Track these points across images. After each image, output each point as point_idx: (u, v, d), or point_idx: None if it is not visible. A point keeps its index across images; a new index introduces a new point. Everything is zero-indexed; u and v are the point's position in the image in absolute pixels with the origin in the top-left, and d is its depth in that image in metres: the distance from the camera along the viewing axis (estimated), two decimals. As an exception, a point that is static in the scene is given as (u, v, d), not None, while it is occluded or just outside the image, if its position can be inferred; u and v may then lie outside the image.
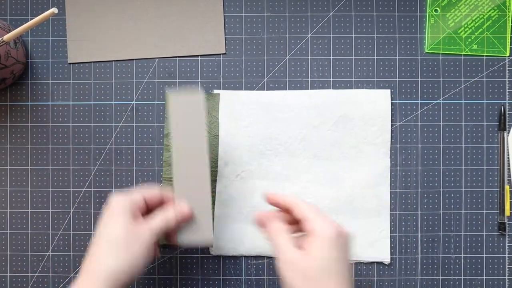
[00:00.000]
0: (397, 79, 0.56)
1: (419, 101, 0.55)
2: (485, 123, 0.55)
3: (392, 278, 0.55)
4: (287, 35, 0.56)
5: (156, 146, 0.56)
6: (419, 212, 0.55)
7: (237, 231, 0.55)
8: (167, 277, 0.55)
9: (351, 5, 0.56)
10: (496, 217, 0.55)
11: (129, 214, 0.45)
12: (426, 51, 0.56)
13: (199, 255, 0.55)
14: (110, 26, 0.56)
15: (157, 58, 0.56)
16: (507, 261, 0.55)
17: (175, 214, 0.47)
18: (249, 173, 0.55)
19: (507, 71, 0.55)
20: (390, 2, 0.56)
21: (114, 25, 0.56)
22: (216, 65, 0.56)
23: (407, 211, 0.55)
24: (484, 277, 0.55)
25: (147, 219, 0.46)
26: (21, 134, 0.56)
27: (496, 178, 0.55)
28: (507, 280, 0.55)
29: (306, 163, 0.55)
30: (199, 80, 0.56)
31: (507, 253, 0.55)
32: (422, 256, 0.55)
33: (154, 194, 0.48)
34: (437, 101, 0.55)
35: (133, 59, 0.56)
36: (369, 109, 0.55)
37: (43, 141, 0.56)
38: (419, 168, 0.55)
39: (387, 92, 0.55)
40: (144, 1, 0.56)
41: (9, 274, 0.56)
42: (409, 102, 0.55)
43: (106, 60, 0.56)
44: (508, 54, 0.55)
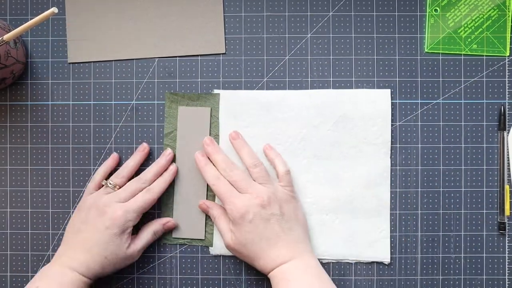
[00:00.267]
0: (397, 79, 0.55)
1: (419, 100, 0.55)
2: (485, 123, 0.55)
3: (392, 278, 0.55)
4: (287, 35, 0.56)
5: (156, 145, 0.56)
6: (419, 212, 0.55)
7: None
8: (167, 277, 0.55)
9: (351, 5, 0.56)
10: (496, 217, 0.55)
11: (122, 232, 0.50)
12: (426, 50, 0.55)
13: (199, 255, 0.55)
14: (110, 26, 0.56)
15: (157, 58, 0.56)
16: (507, 261, 0.55)
17: (163, 228, 0.54)
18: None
19: (507, 71, 0.55)
20: (390, 2, 0.56)
21: (114, 25, 0.56)
22: (216, 65, 0.56)
23: (407, 210, 0.55)
24: (484, 277, 0.55)
25: (135, 240, 0.52)
26: (21, 134, 0.56)
27: (496, 178, 0.55)
28: (507, 280, 0.55)
29: (306, 162, 0.55)
30: (199, 80, 0.56)
31: (507, 253, 0.55)
32: (422, 256, 0.55)
33: (132, 165, 0.54)
34: (437, 100, 0.55)
35: (133, 59, 0.56)
36: (369, 109, 0.55)
37: (43, 141, 0.56)
38: (419, 167, 0.55)
39: (387, 92, 0.55)
40: (144, 1, 0.56)
41: (9, 274, 0.56)
42: (409, 102, 0.55)
43: (106, 60, 0.56)
44: (508, 54, 0.55)
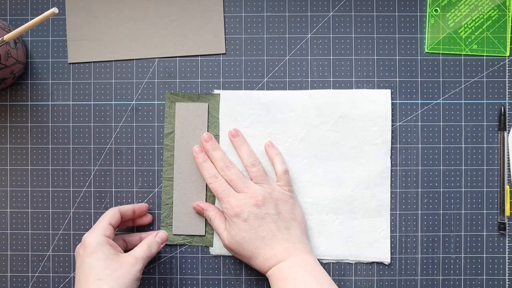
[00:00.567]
0: (397, 79, 0.55)
1: (419, 101, 0.55)
2: (485, 123, 0.55)
3: (392, 278, 0.55)
4: (287, 35, 0.56)
5: (156, 146, 0.56)
6: (419, 212, 0.55)
7: None
8: (167, 277, 0.55)
9: (351, 5, 0.56)
10: (496, 217, 0.55)
11: (106, 246, 0.47)
12: (426, 51, 0.55)
13: (199, 255, 0.55)
14: (110, 26, 0.56)
15: (157, 58, 0.56)
16: (507, 261, 0.55)
17: (157, 241, 0.51)
18: None
19: (507, 71, 0.55)
20: (390, 2, 0.55)
21: (114, 25, 0.56)
22: (216, 65, 0.56)
23: (407, 211, 0.55)
24: (484, 277, 0.54)
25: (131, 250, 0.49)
26: (21, 134, 0.56)
27: (496, 178, 0.55)
28: (507, 280, 0.54)
29: (306, 163, 0.55)
30: (199, 80, 0.56)
31: (507, 253, 0.55)
32: (422, 256, 0.55)
33: (125, 210, 0.52)
34: (437, 101, 0.55)
35: (133, 59, 0.56)
36: (370, 109, 0.55)
37: (43, 141, 0.56)
38: (419, 168, 0.55)
39: (387, 92, 0.55)
40: (144, 1, 0.56)
41: (9, 274, 0.56)
42: (409, 102, 0.55)
43: (106, 60, 0.56)
44: (508, 54, 0.55)
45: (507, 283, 0.54)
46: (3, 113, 0.56)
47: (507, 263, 0.55)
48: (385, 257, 0.55)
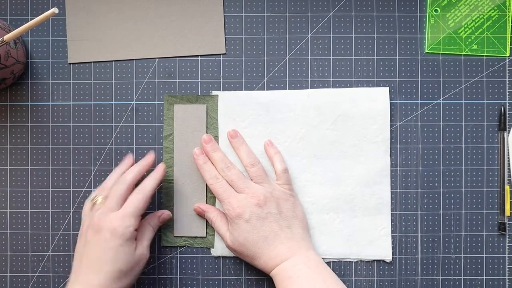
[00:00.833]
0: (397, 79, 0.55)
1: (419, 101, 0.55)
2: (485, 123, 0.55)
3: (392, 278, 0.54)
4: (287, 35, 0.56)
5: (156, 146, 0.55)
6: (419, 212, 0.55)
7: None
8: (167, 277, 0.55)
9: (351, 5, 0.55)
10: (496, 217, 0.55)
11: (126, 240, 0.47)
12: (426, 51, 0.55)
13: (199, 255, 0.55)
14: (110, 26, 0.56)
15: (157, 58, 0.56)
16: (507, 261, 0.54)
17: (158, 221, 0.53)
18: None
19: (507, 71, 0.55)
20: (390, 2, 0.55)
21: (114, 25, 0.56)
22: (216, 65, 0.56)
23: (407, 211, 0.55)
24: (484, 277, 0.54)
25: (138, 240, 0.49)
26: (21, 134, 0.56)
27: (496, 178, 0.55)
28: (507, 280, 0.54)
29: (305, 162, 0.55)
30: (199, 80, 0.56)
31: (507, 253, 0.55)
32: (422, 256, 0.55)
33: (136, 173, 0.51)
34: (437, 101, 0.55)
35: (133, 59, 0.56)
36: (369, 108, 0.54)
37: (43, 141, 0.56)
38: (419, 168, 0.55)
39: (385, 90, 0.55)
40: (144, 1, 0.56)
41: (9, 274, 0.55)
42: (409, 102, 0.55)
43: (106, 60, 0.56)
44: (508, 54, 0.55)
45: (507, 283, 0.54)
46: (3, 113, 0.56)
47: (507, 263, 0.54)
48: (387, 255, 0.54)
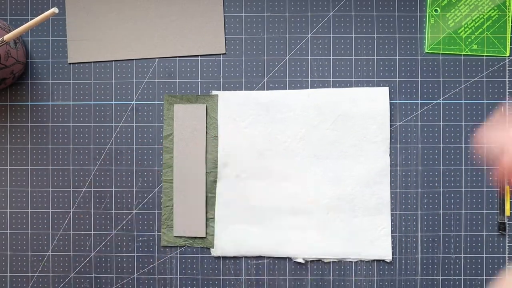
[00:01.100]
0: (397, 79, 0.55)
1: (419, 101, 0.55)
2: (485, 124, 0.54)
3: (392, 278, 0.54)
4: (287, 35, 0.55)
5: (156, 146, 0.55)
6: (419, 212, 0.54)
7: (239, 232, 0.54)
8: (167, 277, 0.54)
9: (351, 5, 0.55)
10: (496, 217, 0.54)
11: None
12: (426, 51, 0.55)
13: (199, 255, 0.55)
14: (110, 26, 0.55)
15: (157, 58, 0.55)
16: (507, 261, 0.54)
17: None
18: (249, 173, 0.54)
19: (507, 71, 0.54)
20: (390, 2, 0.55)
21: (114, 25, 0.55)
22: (216, 65, 0.55)
23: (407, 211, 0.54)
24: (484, 277, 0.54)
25: None
26: (21, 134, 0.55)
27: (496, 178, 0.55)
28: (507, 280, 0.54)
29: (306, 162, 0.54)
30: (199, 80, 0.55)
31: (507, 253, 0.54)
32: (422, 256, 0.54)
33: None
34: (437, 101, 0.55)
35: (133, 59, 0.55)
36: (369, 107, 0.54)
37: (43, 141, 0.55)
38: (419, 168, 0.54)
39: (385, 90, 0.54)
40: (144, 1, 0.55)
41: (9, 274, 0.55)
42: (409, 102, 0.55)
43: (106, 60, 0.55)
44: (508, 54, 0.54)
45: (507, 283, 0.54)
46: (3, 113, 0.55)
47: (507, 263, 0.54)
48: (387, 255, 0.54)
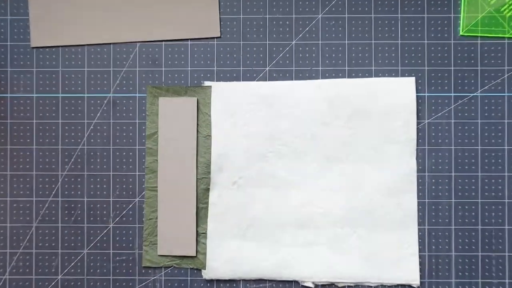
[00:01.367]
0: (426, 68, 0.51)
1: (452, 94, 0.51)
2: (532, 120, 0.52)
3: (421, 306, 0.50)
4: (293, 15, 0.52)
5: (137, 147, 0.52)
6: (453, 227, 0.51)
7: (235, 249, 0.51)
8: (149, 304, 0.51)
9: (370, -20, 0.53)
10: (545, 233, 0.51)
11: None
12: (461, 33, 0.51)
13: (188, 277, 0.51)
14: (82, 3, 0.52)
15: (138, 42, 0.52)
16: (558, 286, 0.51)
17: None
18: (248, 179, 0.52)
19: (558, 57, 0.52)
20: (417, -24, 0.52)
21: (87, 2, 0.52)
22: (209, 51, 0.52)
23: (437, 225, 0.51)
24: (531, 305, 0.51)
25: None
26: (-26, 132, 0.53)
27: (545, 187, 0.51)
28: (557, 309, 0.50)
29: (316, 166, 0.51)
30: (188, 69, 0.52)
31: (558, 276, 0.51)
32: (457, 281, 0.50)
33: None
34: (475, 94, 0.51)
35: (109, 43, 0.53)
36: (391, 101, 0.51)
37: (0, 141, 0.52)
38: (452, 174, 0.51)
39: (411, 80, 0.51)
40: (123, -26, 0.53)
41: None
42: (440, 96, 0.51)
43: (77, 44, 0.53)
44: (559, 37, 0.51)
45: (557, 312, 0.50)
46: (-47, 107, 0.53)
47: (558, 289, 0.51)
48: (414, 279, 0.50)
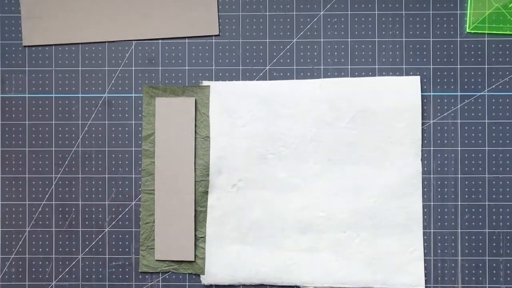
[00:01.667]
0: (431, 66, 0.51)
1: (459, 93, 0.51)
2: (541, 121, 0.51)
3: (426, 313, 0.49)
4: (294, 13, 0.51)
5: (133, 148, 0.51)
6: (459, 230, 0.50)
7: (234, 254, 0.51)
8: (146, 311, 0.51)
9: (373, -24, 0.52)
10: (556, 237, 0.50)
11: None
12: (467, 30, 0.51)
13: (187, 283, 0.50)
14: (76, 0, 0.52)
15: (134, 40, 0.52)
16: None
17: None
18: (248, 182, 0.51)
19: None
20: (422, -29, 0.51)
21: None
22: (208, 49, 0.51)
23: (443, 229, 0.50)
24: (541, 312, 0.50)
25: None
26: (-36, 134, 0.52)
27: (555, 189, 0.51)
28: None
29: (317, 168, 0.51)
30: (186, 68, 0.51)
31: None
32: (463, 286, 0.49)
33: None
34: (481, 93, 0.51)
35: (104, 42, 0.52)
36: (395, 101, 0.51)
37: None
38: (459, 176, 0.50)
39: (416, 79, 0.51)
40: (119, -30, 0.52)
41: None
42: (445, 95, 0.51)
43: (70, 43, 0.52)
44: None
45: None
46: None
47: None
48: (419, 284, 0.50)
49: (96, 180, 0.51)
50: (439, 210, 0.50)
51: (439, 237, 0.49)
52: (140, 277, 0.50)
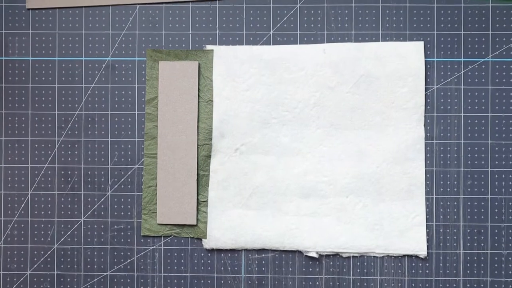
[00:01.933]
0: (435, 32, 0.50)
1: (462, 59, 0.50)
2: (545, 87, 0.51)
3: (427, 278, 0.48)
4: None
5: (136, 112, 0.50)
6: (461, 196, 0.49)
7: (236, 218, 0.51)
8: (148, 274, 0.50)
9: None
10: (557, 203, 0.50)
11: None
12: None
13: (189, 247, 0.50)
14: (79, -38, 0.51)
15: (138, 4, 0.51)
16: None
17: None
18: (250, 146, 0.51)
19: None
20: None
21: (85, -38, 0.51)
22: (211, 13, 0.51)
23: (445, 195, 0.49)
24: (542, 277, 0.50)
25: None
26: (-33, 97, 0.51)
27: (557, 155, 0.50)
28: None
29: (320, 133, 0.51)
30: (190, 32, 0.51)
31: None
32: (465, 252, 0.49)
33: None
34: (485, 59, 0.50)
35: (108, 5, 0.51)
36: (398, 66, 0.50)
37: None
38: (461, 141, 0.49)
39: (419, 45, 0.50)
40: None
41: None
42: (449, 61, 0.50)
43: (74, 6, 0.51)
44: None
45: None
46: None
47: None
48: (420, 249, 0.49)
49: (99, 144, 0.50)
50: (441, 175, 0.49)
51: (441, 202, 0.49)
52: (142, 240, 0.50)
